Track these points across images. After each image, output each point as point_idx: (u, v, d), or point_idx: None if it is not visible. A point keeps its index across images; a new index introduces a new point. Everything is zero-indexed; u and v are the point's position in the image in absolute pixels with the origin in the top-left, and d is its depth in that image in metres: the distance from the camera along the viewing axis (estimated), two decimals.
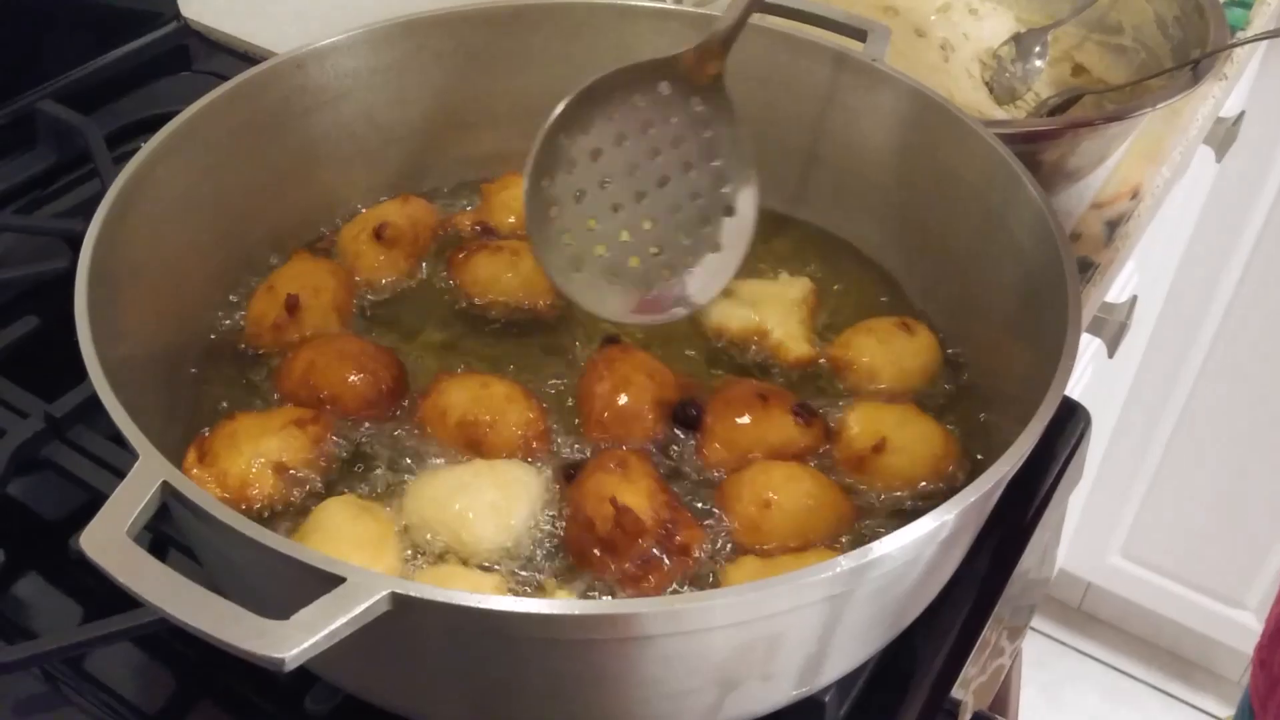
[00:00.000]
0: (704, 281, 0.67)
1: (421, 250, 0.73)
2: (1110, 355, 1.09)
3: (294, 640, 0.40)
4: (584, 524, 0.55)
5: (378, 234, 0.70)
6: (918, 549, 0.46)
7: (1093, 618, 2.12)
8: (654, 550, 0.54)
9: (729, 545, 0.58)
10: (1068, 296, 0.54)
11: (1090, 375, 1.24)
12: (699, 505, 0.61)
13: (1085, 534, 1.92)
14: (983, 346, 0.68)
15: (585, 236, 0.66)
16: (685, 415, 0.64)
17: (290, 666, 0.40)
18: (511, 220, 0.74)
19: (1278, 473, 1.69)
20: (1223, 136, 1.20)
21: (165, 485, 0.44)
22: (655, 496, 0.56)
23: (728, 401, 0.64)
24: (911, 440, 0.62)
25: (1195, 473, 1.78)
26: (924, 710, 0.62)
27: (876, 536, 0.44)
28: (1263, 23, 1.14)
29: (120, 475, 0.65)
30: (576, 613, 0.42)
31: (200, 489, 0.44)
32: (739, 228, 0.67)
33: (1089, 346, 1.15)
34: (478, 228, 0.75)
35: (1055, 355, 0.52)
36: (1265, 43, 1.34)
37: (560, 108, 0.63)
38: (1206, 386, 1.69)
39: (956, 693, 0.67)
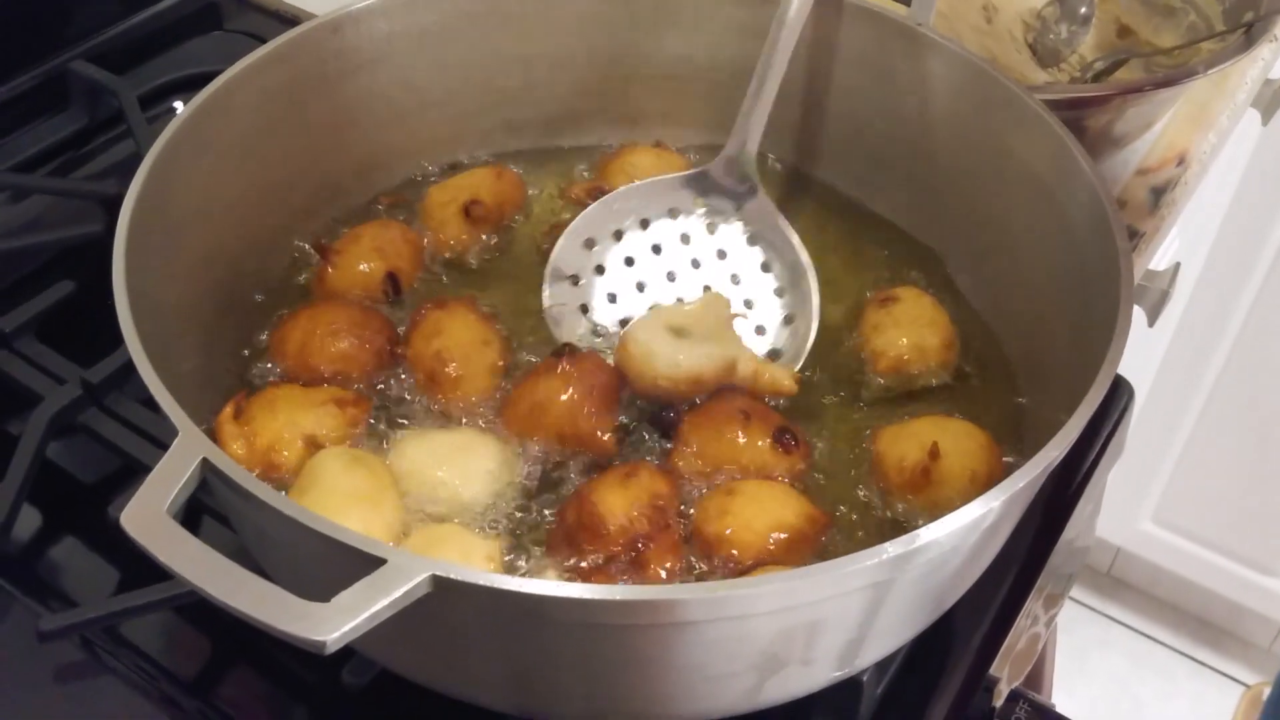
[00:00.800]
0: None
1: (502, 221, 0.73)
2: (1150, 324, 1.07)
3: (335, 623, 0.39)
4: (565, 508, 0.56)
5: (467, 211, 0.70)
6: (963, 535, 0.45)
7: (1121, 582, 2.11)
8: (616, 553, 0.53)
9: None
10: (1119, 276, 0.53)
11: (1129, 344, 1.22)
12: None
13: (1116, 500, 1.91)
14: (1024, 325, 0.67)
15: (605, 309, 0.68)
16: (662, 420, 0.62)
17: (331, 649, 0.39)
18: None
19: None
20: (1270, 99, 1.17)
21: (205, 462, 0.44)
22: (640, 508, 0.55)
23: (709, 413, 0.61)
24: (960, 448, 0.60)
25: (1228, 440, 1.77)
26: (962, 689, 0.62)
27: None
28: None
29: (156, 442, 0.67)
30: (618, 598, 0.41)
31: (239, 467, 0.44)
32: (800, 332, 0.67)
33: None
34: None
35: (1106, 337, 0.51)
36: None
37: (579, 218, 0.67)
38: (1242, 353, 1.67)
39: (994, 670, 0.66)
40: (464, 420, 0.62)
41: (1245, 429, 1.75)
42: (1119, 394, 0.75)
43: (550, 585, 0.41)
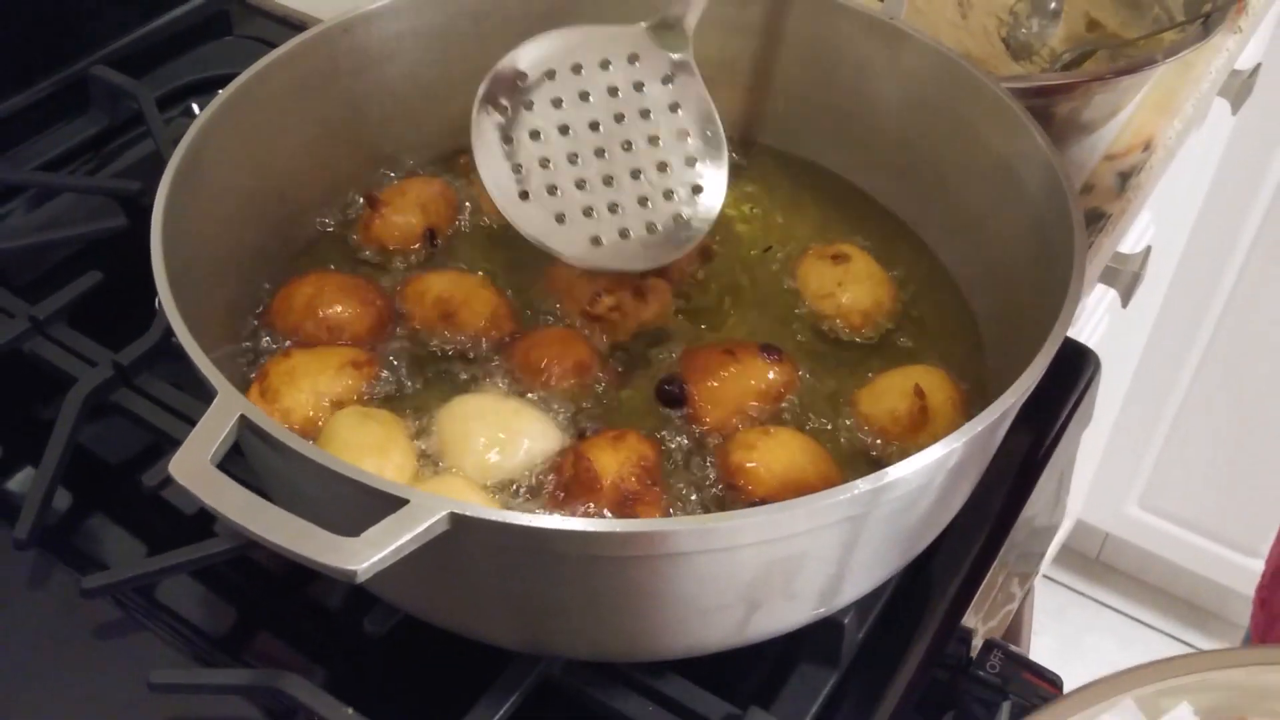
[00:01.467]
0: (655, 251, 0.70)
1: None
2: (1124, 305, 1.12)
3: (364, 555, 0.44)
4: (559, 467, 0.61)
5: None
6: (929, 474, 0.50)
7: (1111, 568, 2.15)
8: (604, 510, 0.58)
9: None
10: (1073, 234, 0.57)
11: (1106, 326, 1.27)
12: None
13: (1103, 485, 1.95)
14: (998, 295, 0.71)
15: (536, 173, 0.69)
16: (669, 394, 0.66)
17: (361, 578, 0.44)
18: None
19: None
20: (1238, 89, 1.22)
21: (242, 418, 0.49)
22: (629, 468, 0.59)
23: (702, 367, 0.66)
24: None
25: (1212, 423, 1.81)
26: (938, 634, 0.67)
27: None
28: None
29: (183, 417, 0.72)
30: (618, 530, 0.46)
31: (273, 421, 0.49)
32: (705, 206, 0.70)
33: (1104, 298, 1.18)
34: None
35: (1062, 292, 0.55)
36: None
37: (526, 44, 0.69)
38: (1223, 338, 1.71)
39: (969, 622, 0.71)
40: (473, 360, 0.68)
41: (1228, 413, 1.79)
42: (1085, 362, 0.79)
43: (555, 519, 0.46)
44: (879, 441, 0.65)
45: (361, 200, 0.76)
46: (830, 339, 0.72)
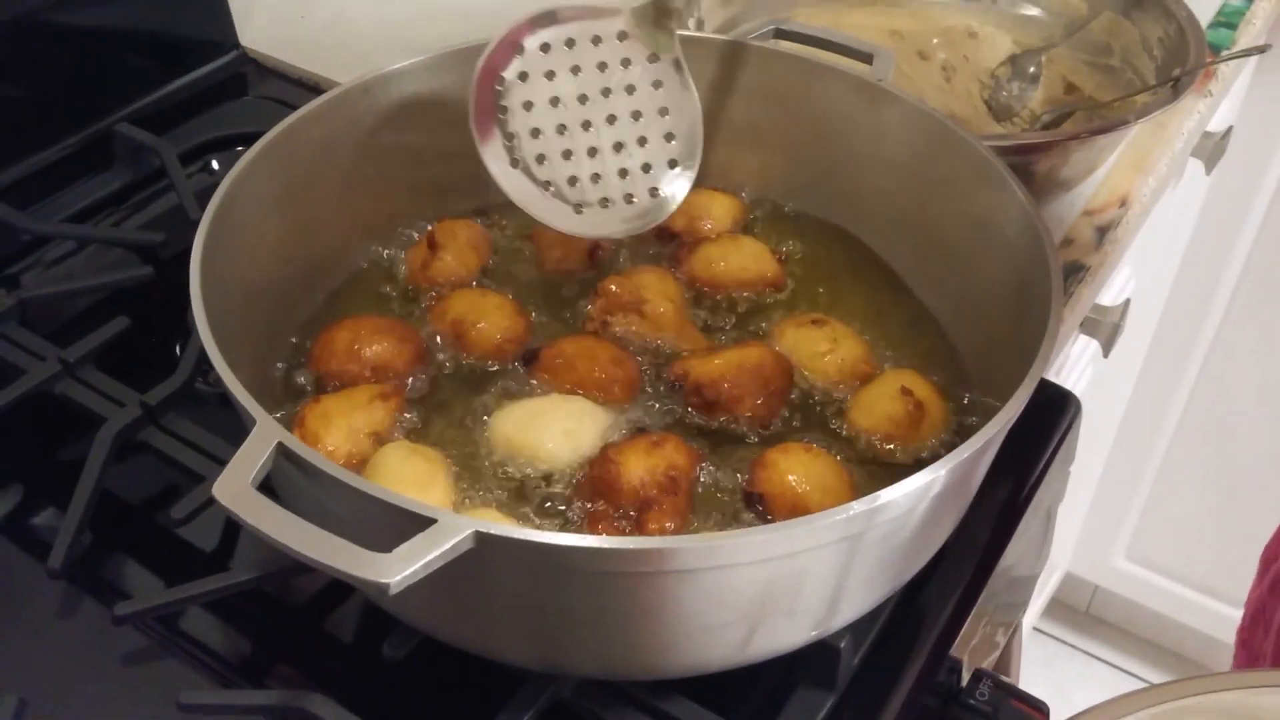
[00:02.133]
0: (633, 222, 0.75)
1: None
2: (1105, 355, 1.17)
3: (397, 569, 0.47)
4: (595, 461, 0.66)
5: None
6: (916, 499, 0.53)
7: (1100, 620, 2.18)
8: (626, 510, 0.63)
9: None
10: (1050, 274, 0.62)
11: (1090, 377, 1.31)
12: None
13: (1090, 537, 1.98)
14: (982, 341, 0.75)
15: (528, 143, 0.74)
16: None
17: (394, 590, 0.47)
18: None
19: (1277, 475, 1.75)
20: (1211, 150, 1.28)
21: (280, 445, 0.52)
22: (658, 474, 0.63)
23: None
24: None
25: (1196, 475, 1.85)
26: (928, 661, 0.70)
27: None
28: (1246, 43, 1.22)
29: (208, 454, 0.75)
30: (629, 547, 0.49)
31: (308, 447, 0.52)
32: (680, 181, 0.75)
33: (1086, 349, 1.23)
34: None
35: (1041, 331, 0.59)
36: (1255, 63, 1.42)
37: (522, 19, 0.72)
38: (1204, 391, 1.75)
39: (957, 653, 0.74)
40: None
41: (1211, 464, 1.82)
42: (1067, 406, 0.83)
43: (569, 537, 0.49)
44: (889, 446, 0.69)
45: (386, 252, 0.81)
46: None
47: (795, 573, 0.53)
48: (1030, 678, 1.03)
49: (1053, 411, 0.83)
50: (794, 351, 0.75)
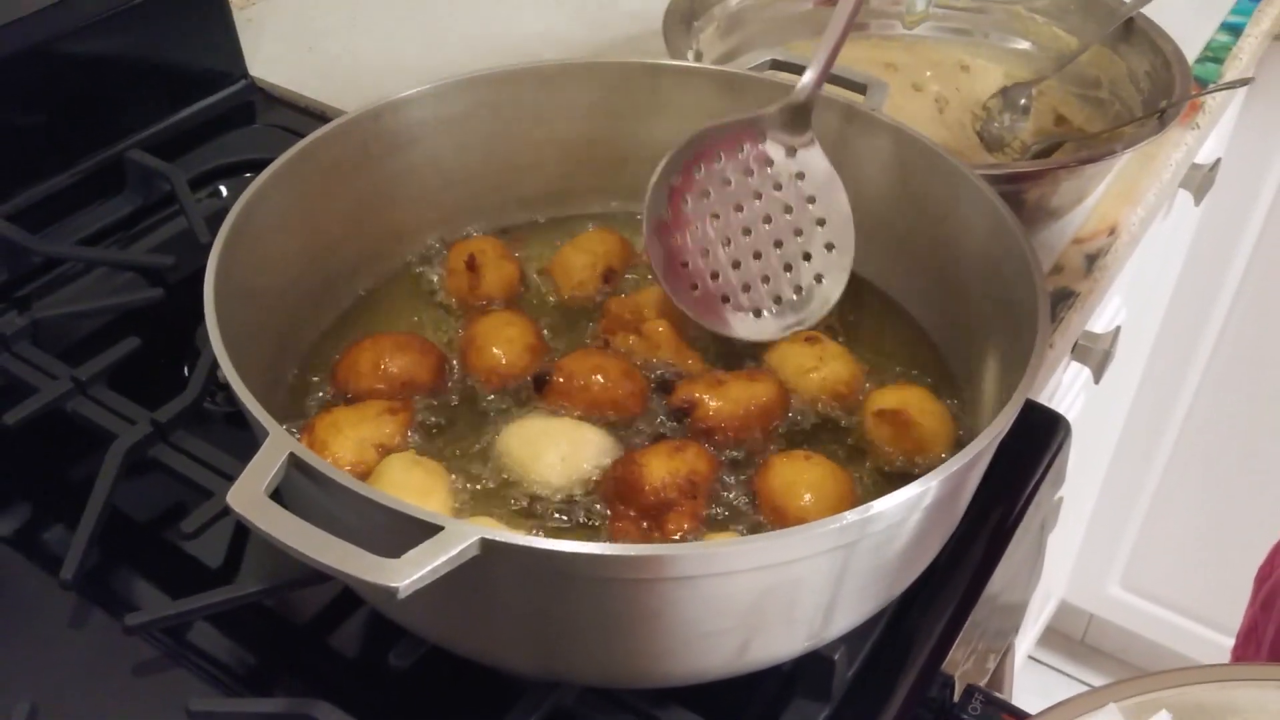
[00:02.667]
0: (806, 311, 0.78)
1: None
2: (1096, 381, 1.19)
3: (405, 574, 0.49)
4: (617, 462, 0.68)
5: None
6: (908, 509, 0.55)
7: (1096, 649, 2.18)
8: (646, 509, 0.65)
9: None
10: (1037, 297, 0.64)
11: (1083, 403, 1.33)
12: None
13: (1085, 566, 2.00)
14: (976, 364, 0.77)
15: (700, 263, 0.76)
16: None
17: (403, 594, 0.49)
18: None
19: (1270, 503, 1.77)
20: (1200, 181, 1.30)
21: (291, 455, 0.54)
22: (679, 477, 0.66)
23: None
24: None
25: (1189, 503, 1.86)
26: (921, 675, 0.71)
27: None
28: (1232, 78, 1.24)
29: (217, 471, 0.77)
30: (630, 554, 0.51)
31: (319, 458, 0.54)
32: (838, 262, 0.78)
33: (1079, 376, 1.25)
34: None
35: (1028, 350, 0.61)
36: (1242, 97, 1.45)
37: (667, 157, 0.75)
38: (1198, 418, 1.77)
39: (948, 669, 0.76)
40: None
41: (1204, 492, 1.84)
42: (1057, 428, 0.85)
43: (571, 544, 0.51)
44: (900, 459, 0.73)
45: (417, 267, 0.85)
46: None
47: (791, 581, 0.55)
48: (1026, 707, 1.04)
49: (1043, 434, 0.84)
50: (781, 366, 0.77)
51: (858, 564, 0.57)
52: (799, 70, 0.84)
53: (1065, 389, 1.21)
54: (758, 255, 0.78)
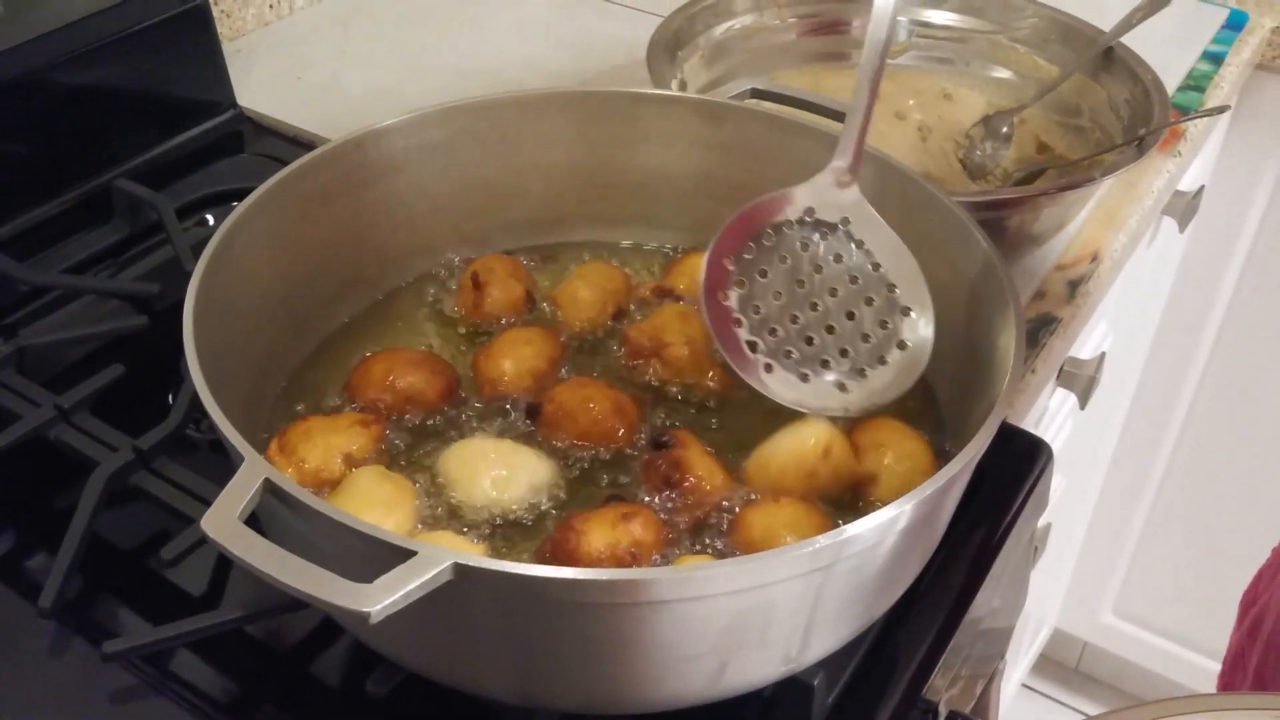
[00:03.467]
0: (892, 378, 0.73)
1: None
2: (1082, 407, 1.19)
3: (378, 598, 0.49)
4: (558, 525, 0.67)
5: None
6: (882, 533, 0.55)
7: (1090, 677, 2.18)
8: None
9: None
10: (1013, 319, 0.64)
11: (1070, 430, 1.34)
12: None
13: (1078, 593, 1.99)
14: (957, 390, 0.78)
15: (771, 344, 0.73)
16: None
17: (375, 620, 0.49)
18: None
19: (1261, 527, 1.77)
20: (1183, 208, 1.31)
21: (267, 481, 0.54)
22: (618, 549, 0.64)
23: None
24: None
25: (1181, 530, 1.86)
26: (901, 701, 0.71)
27: None
28: (1215, 104, 1.25)
29: (198, 498, 0.77)
30: (603, 578, 0.51)
31: (295, 484, 0.54)
32: (921, 324, 0.74)
33: (1065, 402, 1.25)
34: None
35: (1003, 374, 0.62)
36: (1225, 125, 1.47)
37: (715, 239, 0.73)
38: (1188, 444, 1.78)
39: (930, 695, 0.76)
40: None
41: (1195, 518, 1.84)
42: (1039, 453, 0.85)
43: (544, 569, 0.51)
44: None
45: (420, 291, 0.86)
46: None
47: (766, 605, 0.55)
48: None
49: (1024, 459, 0.85)
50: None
51: (833, 587, 0.57)
52: (780, 99, 0.85)
53: (1052, 415, 1.22)
54: (830, 329, 0.74)
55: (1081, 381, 1.14)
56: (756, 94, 0.86)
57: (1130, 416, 1.76)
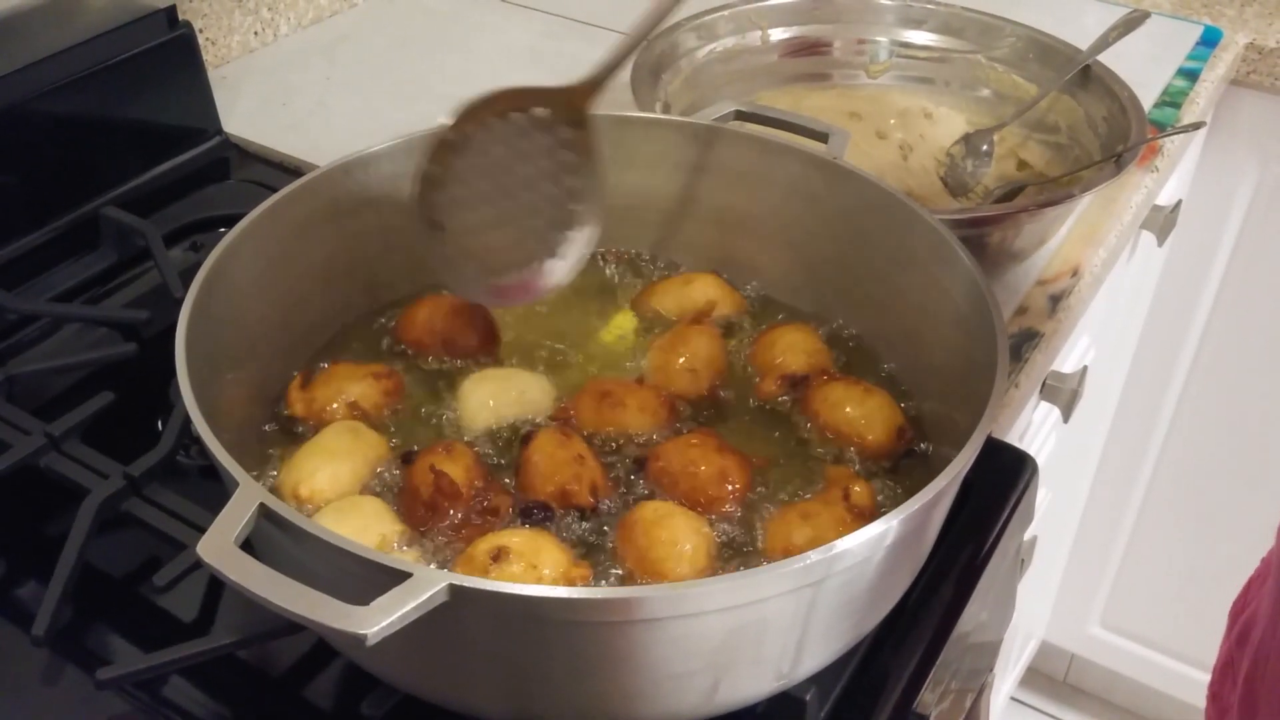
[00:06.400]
0: (556, 274, 0.79)
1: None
2: (1065, 420, 1.20)
3: (374, 620, 0.49)
4: (412, 492, 0.70)
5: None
6: (871, 548, 0.56)
7: (1078, 690, 2.18)
8: (471, 514, 0.68)
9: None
10: (995, 334, 0.65)
11: (1054, 443, 1.35)
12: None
13: (1066, 605, 2.00)
14: (941, 405, 0.78)
15: (460, 221, 0.78)
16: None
17: (372, 641, 0.49)
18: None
19: (1247, 538, 1.77)
20: (1162, 223, 1.33)
21: (262, 506, 0.55)
22: (471, 470, 0.70)
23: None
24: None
25: (1167, 542, 1.87)
26: (892, 716, 0.72)
27: None
28: (1191, 120, 1.27)
29: (190, 524, 0.77)
30: (597, 597, 0.52)
31: (289, 508, 0.55)
32: (584, 237, 0.79)
33: (1048, 415, 1.26)
34: None
35: (988, 391, 0.62)
36: (1203, 140, 1.48)
37: (461, 109, 0.76)
38: (1172, 455, 1.79)
39: (921, 709, 0.76)
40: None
41: (1180, 530, 1.85)
42: (1024, 468, 0.86)
43: (539, 589, 0.52)
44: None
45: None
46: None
47: (757, 621, 0.56)
48: None
49: (1009, 473, 0.85)
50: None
51: (823, 602, 0.58)
52: (763, 120, 0.86)
53: (1036, 428, 1.23)
54: (514, 219, 0.79)
55: (1064, 395, 1.15)
56: (740, 116, 0.87)
57: (1114, 429, 1.77)
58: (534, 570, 0.62)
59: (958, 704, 0.90)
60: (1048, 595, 1.94)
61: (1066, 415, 1.17)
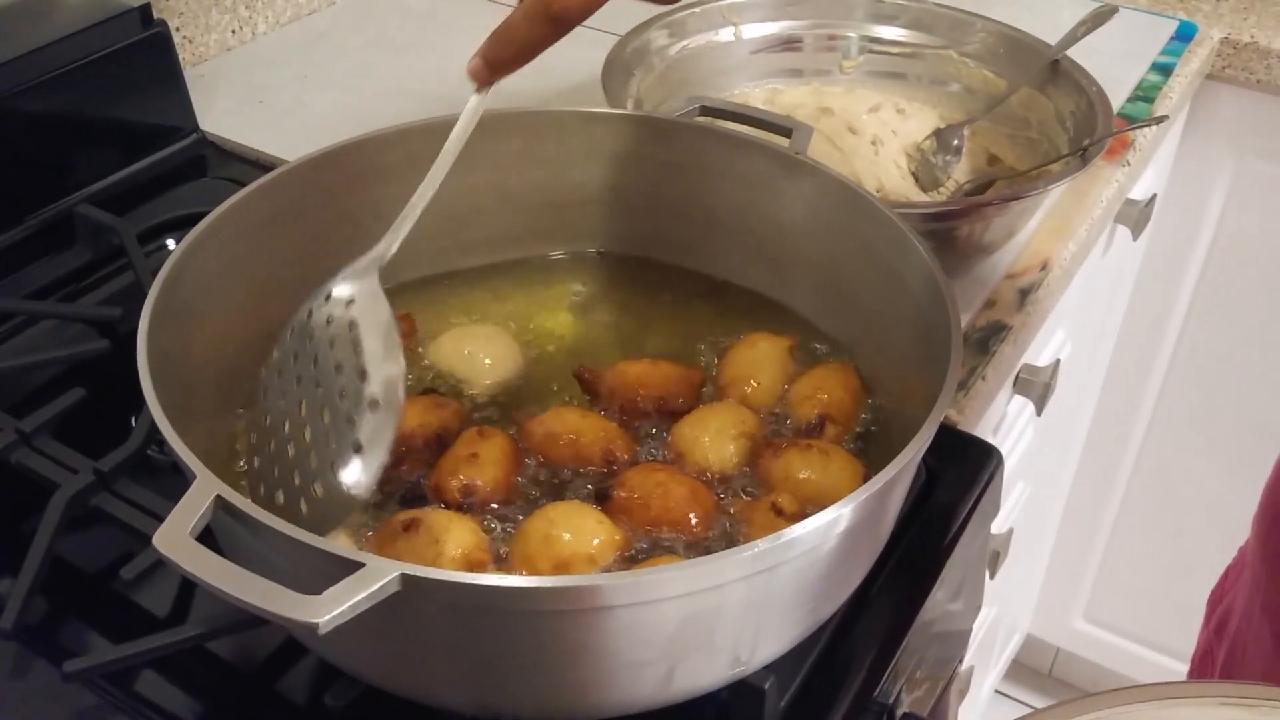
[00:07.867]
0: (359, 476, 0.62)
1: None
2: (1039, 413, 1.21)
3: (326, 610, 0.50)
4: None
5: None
6: (821, 536, 0.57)
7: (1063, 683, 2.19)
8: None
9: None
10: (950, 323, 0.66)
11: (1030, 437, 1.35)
12: None
13: (1049, 599, 2.01)
14: (900, 396, 0.79)
15: (281, 439, 0.67)
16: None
17: (323, 630, 0.50)
18: None
19: (1226, 530, 1.78)
20: (1136, 217, 1.34)
21: (218, 498, 0.55)
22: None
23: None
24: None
25: (1147, 535, 1.88)
26: (853, 704, 0.72)
27: None
28: (1162, 115, 1.28)
29: (159, 518, 0.76)
30: (548, 585, 0.53)
31: (244, 499, 0.55)
32: (382, 421, 0.62)
33: (1023, 409, 1.27)
34: None
35: (941, 379, 0.63)
36: (1178, 134, 1.49)
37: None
38: (1152, 449, 1.80)
39: (895, 702, 0.77)
40: None
41: (1161, 525, 1.86)
42: (989, 459, 0.87)
43: (492, 578, 0.52)
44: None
45: None
46: None
47: (710, 608, 0.56)
48: None
49: (974, 464, 0.86)
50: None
51: (777, 589, 0.58)
52: (728, 115, 0.87)
53: (1010, 422, 1.24)
54: (315, 424, 0.65)
55: (1037, 388, 1.16)
56: (705, 111, 0.87)
57: (1094, 422, 1.78)
58: (435, 546, 0.63)
59: (931, 693, 0.91)
60: (1032, 589, 1.95)
61: (1040, 408, 1.18)
